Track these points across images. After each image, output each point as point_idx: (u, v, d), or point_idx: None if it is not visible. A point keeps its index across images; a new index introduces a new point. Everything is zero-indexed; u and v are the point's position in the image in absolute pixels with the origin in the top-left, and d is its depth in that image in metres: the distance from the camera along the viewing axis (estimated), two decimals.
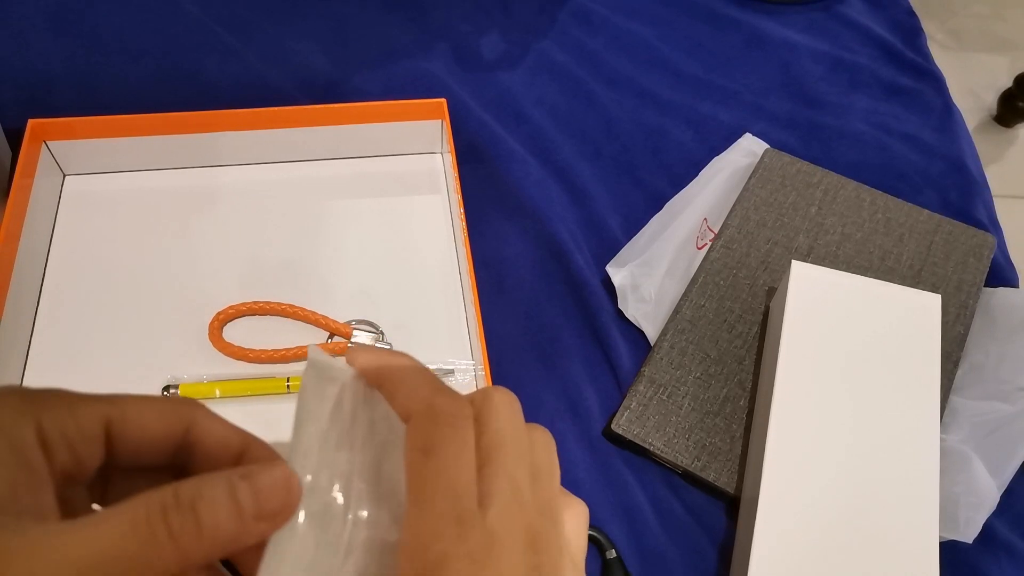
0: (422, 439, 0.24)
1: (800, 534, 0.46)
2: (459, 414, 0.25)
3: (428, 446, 0.24)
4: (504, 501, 0.24)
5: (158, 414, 0.24)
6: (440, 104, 0.61)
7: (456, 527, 0.23)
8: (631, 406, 0.54)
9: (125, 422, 0.23)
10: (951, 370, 0.57)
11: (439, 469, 0.23)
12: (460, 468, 0.24)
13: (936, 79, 0.77)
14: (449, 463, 0.24)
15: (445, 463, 0.24)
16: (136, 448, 0.23)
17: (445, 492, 0.23)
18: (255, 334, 0.55)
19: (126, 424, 0.23)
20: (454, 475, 0.23)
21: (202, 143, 0.60)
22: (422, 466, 0.24)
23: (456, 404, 0.25)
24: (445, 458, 0.24)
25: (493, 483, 0.24)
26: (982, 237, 0.63)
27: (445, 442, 0.24)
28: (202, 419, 0.25)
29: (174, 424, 0.24)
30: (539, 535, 0.24)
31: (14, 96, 0.65)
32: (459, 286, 0.58)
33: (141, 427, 0.23)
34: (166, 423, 0.24)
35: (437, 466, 0.24)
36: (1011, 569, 0.52)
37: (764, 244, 0.62)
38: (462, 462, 0.24)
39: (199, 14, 0.72)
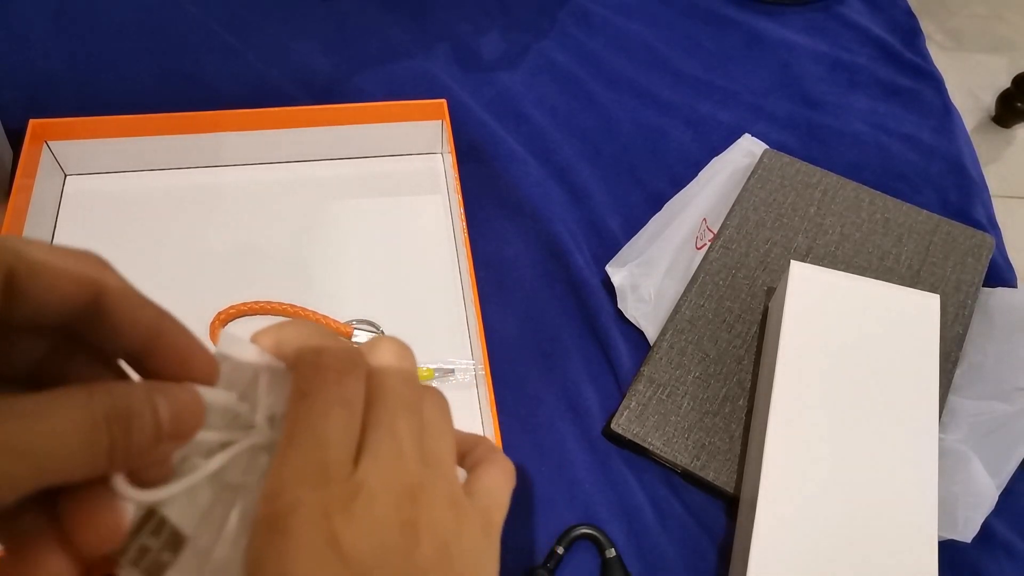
0: (302, 384, 0.24)
1: (799, 533, 0.46)
2: (344, 366, 0.24)
3: (305, 391, 0.23)
4: (379, 453, 0.23)
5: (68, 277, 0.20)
6: (440, 104, 0.61)
7: (316, 475, 0.22)
8: (631, 405, 0.54)
9: (30, 279, 0.20)
10: (950, 370, 0.57)
11: (310, 416, 0.23)
12: (331, 417, 0.23)
13: (935, 79, 0.77)
14: (320, 410, 0.23)
15: (316, 409, 0.23)
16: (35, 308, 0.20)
17: (311, 439, 0.22)
18: None
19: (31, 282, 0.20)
20: (323, 423, 0.23)
21: (203, 143, 0.61)
22: (294, 412, 0.23)
23: (343, 356, 0.24)
24: (317, 404, 0.23)
25: (371, 434, 0.24)
26: (981, 237, 0.63)
27: (321, 389, 0.23)
28: (115, 285, 0.22)
29: (84, 290, 0.21)
30: (419, 489, 0.24)
31: (15, 96, 0.65)
32: (459, 286, 0.59)
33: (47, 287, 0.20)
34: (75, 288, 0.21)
35: (308, 412, 0.23)
36: (1010, 568, 0.52)
37: (763, 244, 0.62)
38: (335, 411, 0.23)
39: (199, 14, 0.72)
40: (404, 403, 0.25)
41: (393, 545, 0.23)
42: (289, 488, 0.22)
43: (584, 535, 0.50)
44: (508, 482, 0.29)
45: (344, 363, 0.24)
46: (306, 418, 0.23)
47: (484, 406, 0.52)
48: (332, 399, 0.23)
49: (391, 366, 0.26)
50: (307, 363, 0.24)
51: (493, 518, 0.27)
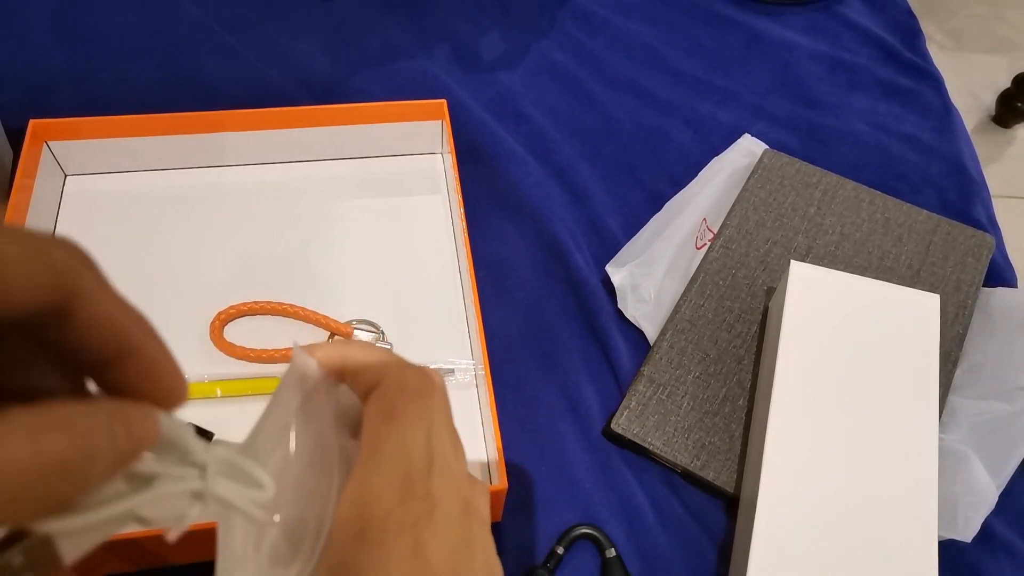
0: (387, 405, 0.25)
1: (799, 533, 0.46)
2: (425, 388, 0.26)
3: (391, 411, 0.25)
4: (444, 472, 0.25)
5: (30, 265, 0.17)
6: (440, 104, 0.61)
7: (403, 489, 0.23)
8: (630, 405, 0.54)
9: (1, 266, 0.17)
10: (950, 370, 0.57)
11: (400, 433, 0.24)
12: (416, 435, 0.24)
13: (935, 79, 0.77)
14: (409, 428, 0.24)
15: (406, 428, 0.24)
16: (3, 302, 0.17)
17: (399, 455, 0.24)
18: (256, 334, 0.55)
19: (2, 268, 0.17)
20: (411, 440, 0.24)
21: (203, 143, 0.61)
22: (380, 429, 0.24)
23: (423, 377, 0.26)
24: (407, 423, 0.24)
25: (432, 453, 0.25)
26: (981, 237, 0.63)
27: (410, 408, 0.25)
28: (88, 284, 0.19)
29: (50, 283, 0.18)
30: (470, 505, 0.26)
31: (16, 96, 0.66)
32: (459, 286, 0.59)
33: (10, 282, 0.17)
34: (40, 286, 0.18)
35: (398, 430, 0.24)
36: (1010, 568, 0.52)
37: (763, 244, 0.62)
38: (419, 431, 0.25)
39: (199, 14, 0.72)
40: (449, 428, 0.27)
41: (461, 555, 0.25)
42: (381, 500, 0.23)
43: (584, 535, 0.50)
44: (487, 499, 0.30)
45: (425, 385, 0.26)
46: (394, 435, 0.24)
47: (484, 406, 0.52)
48: (415, 418, 0.25)
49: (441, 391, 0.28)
50: (394, 382, 0.26)
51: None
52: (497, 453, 0.48)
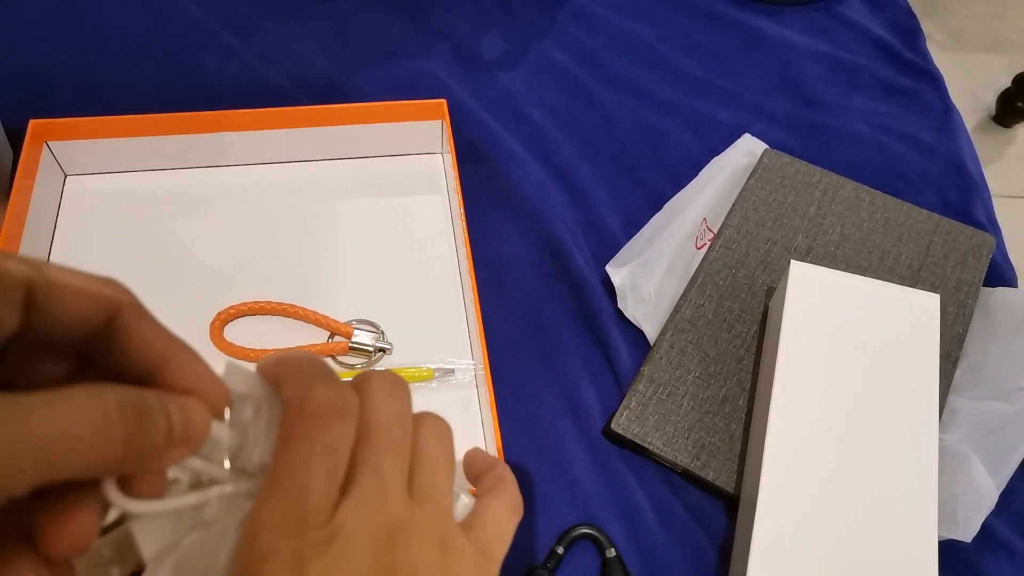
0: (286, 429, 0.23)
1: (799, 533, 0.46)
2: (330, 411, 0.23)
3: (288, 436, 0.23)
4: (361, 495, 0.23)
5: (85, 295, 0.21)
6: (440, 104, 0.61)
7: (294, 523, 0.22)
8: (631, 405, 0.54)
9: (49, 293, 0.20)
10: (950, 370, 0.57)
11: (291, 462, 0.23)
12: (313, 464, 0.22)
13: (935, 79, 0.77)
14: (302, 457, 0.23)
15: (298, 456, 0.23)
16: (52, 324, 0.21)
17: (291, 486, 0.22)
18: (256, 334, 0.55)
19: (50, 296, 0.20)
20: (304, 471, 0.22)
21: (203, 143, 0.61)
22: (277, 456, 0.23)
23: (330, 401, 0.24)
24: (300, 451, 0.23)
25: (355, 475, 0.23)
26: (981, 237, 0.63)
27: (306, 436, 0.23)
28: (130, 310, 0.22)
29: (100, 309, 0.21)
30: (401, 530, 0.23)
31: (15, 96, 0.66)
32: (459, 286, 0.59)
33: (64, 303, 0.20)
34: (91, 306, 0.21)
35: (289, 458, 0.23)
36: (1010, 568, 0.52)
37: (763, 244, 0.62)
38: (317, 459, 0.23)
39: (199, 14, 0.72)
40: (391, 442, 0.25)
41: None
42: (265, 535, 0.22)
43: (584, 535, 0.50)
44: (513, 514, 0.28)
45: (331, 408, 0.24)
46: (287, 464, 0.23)
47: (484, 406, 0.52)
48: (315, 446, 0.23)
49: (381, 403, 0.25)
50: (293, 408, 0.23)
51: (492, 551, 0.27)
52: (497, 453, 0.48)
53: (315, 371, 0.25)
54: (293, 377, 0.24)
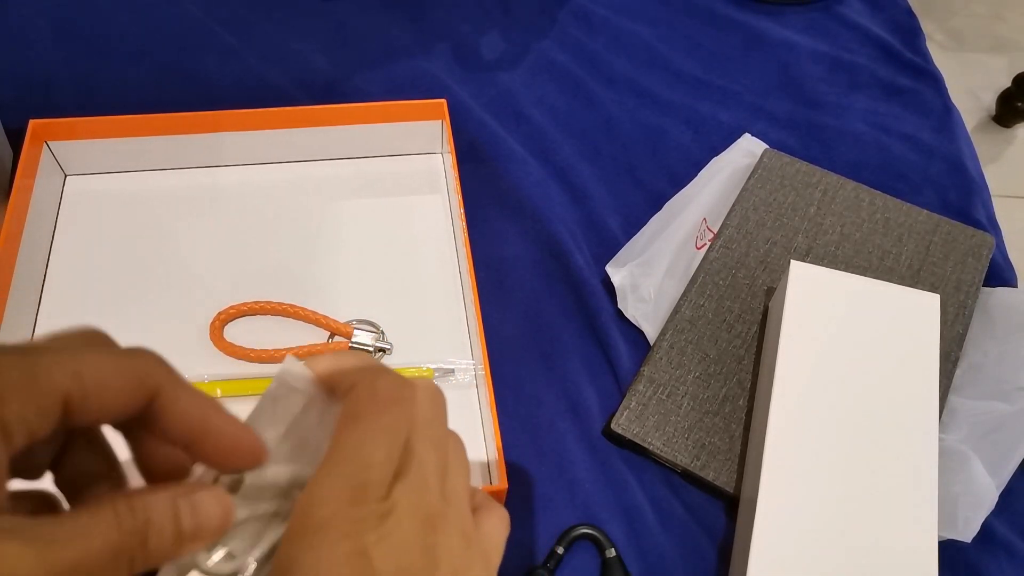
0: (353, 409, 0.25)
1: (799, 533, 0.46)
2: (396, 396, 0.25)
3: (357, 414, 0.24)
4: (410, 480, 0.25)
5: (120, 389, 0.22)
6: (440, 104, 0.61)
7: (356, 493, 0.23)
8: (631, 405, 0.54)
9: (86, 400, 0.21)
10: (950, 370, 0.57)
11: (360, 436, 0.24)
12: (379, 441, 0.24)
13: (935, 79, 0.77)
14: (370, 433, 0.24)
15: (367, 432, 0.24)
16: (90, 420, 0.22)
17: (357, 459, 0.23)
18: (256, 334, 0.55)
19: (86, 401, 0.21)
20: (371, 446, 0.24)
21: (203, 143, 0.61)
22: (342, 432, 0.24)
23: (396, 387, 0.25)
24: (368, 428, 0.24)
25: (407, 462, 0.25)
26: (981, 237, 0.63)
27: (373, 414, 0.24)
28: (167, 389, 0.23)
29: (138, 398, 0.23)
30: (440, 518, 0.25)
31: (15, 96, 0.66)
32: (459, 286, 0.59)
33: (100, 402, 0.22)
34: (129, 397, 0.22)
35: (359, 433, 0.24)
36: (1010, 568, 0.52)
37: (763, 244, 0.62)
38: (383, 436, 0.24)
39: (199, 14, 0.72)
40: (434, 440, 0.26)
41: (415, 566, 0.24)
42: (327, 504, 0.23)
43: (584, 535, 0.50)
44: (505, 528, 0.30)
45: (397, 394, 0.25)
46: (353, 441, 0.24)
47: (484, 406, 0.52)
48: (382, 425, 0.24)
49: (427, 404, 0.27)
50: (364, 388, 0.25)
51: (491, 560, 0.28)
52: (497, 453, 0.48)
53: (377, 364, 0.27)
54: (360, 368, 0.26)
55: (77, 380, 0.21)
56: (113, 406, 0.22)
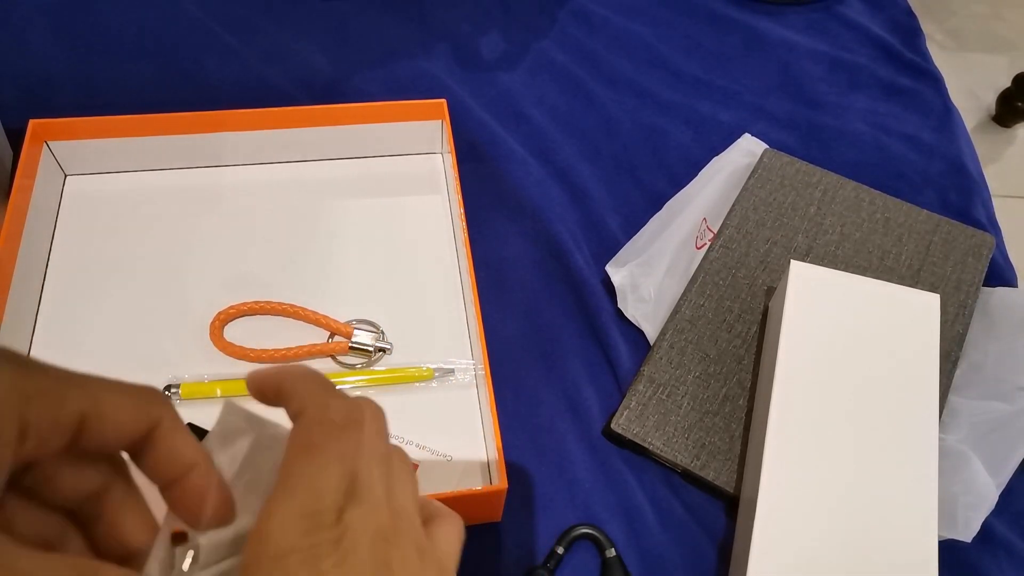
0: (305, 437, 0.25)
1: (799, 533, 0.46)
2: (348, 421, 0.25)
3: (309, 444, 0.24)
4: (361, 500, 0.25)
5: (130, 416, 0.23)
6: (440, 104, 0.61)
7: (308, 522, 0.23)
8: (631, 405, 0.54)
9: (100, 420, 0.23)
10: (950, 370, 0.57)
11: (311, 467, 0.24)
12: (331, 470, 0.24)
13: (935, 79, 0.77)
14: (321, 463, 0.24)
15: (318, 462, 0.24)
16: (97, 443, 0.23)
17: (310, 490, 0.24)
18: (256, 334, 0.55)
19: (101, 421, 0.23)
20: (323, 475, 0.24)
21: (203, 143, 0.61)
22: (293, 463, 0.24)
23: (345, 412, 0.26)
24: (319, 457, 0.24)
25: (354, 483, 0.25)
26: (981, 237, 0.63)
27: (325, 443, 0.24)
28: (165, 426, 0.24)
29: (142, 427, 0.24)
30: (391, 533, 0.25)
31: (15, 96, 0.66)
32: (459, 286, 0.59)
33: (113, 426, 0.23)
34: (135, 427, 0.24)
35: (310, 464, 0.24)
36: (1010, 568, 0.52)
37: (763, 244, 0.62)
38: (334, 465, 0.24)
39: (199, 14, 0.72)
40: (380, 456, 0.26)
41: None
42: (284, 533, 0.23)
43: (584, 535, 0.50)
44: (459, 534, 0.30)
45: (346, 418, 0.25)
46: (307, 469, 0.24)
47: (484, 406, 0.52)
48: (333, 454, 0.24)
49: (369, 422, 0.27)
50: (315, 413, 0.25)
51: (447, 568, 0.28)
52: (497, 453, 0.48)
53: (326, 385, 0.26)
54: (306, 391, 0.26)
55: (95, 403, 0.22)
56: (121, 431, 0.23)
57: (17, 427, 0.21)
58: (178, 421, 0.25)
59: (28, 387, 0.21)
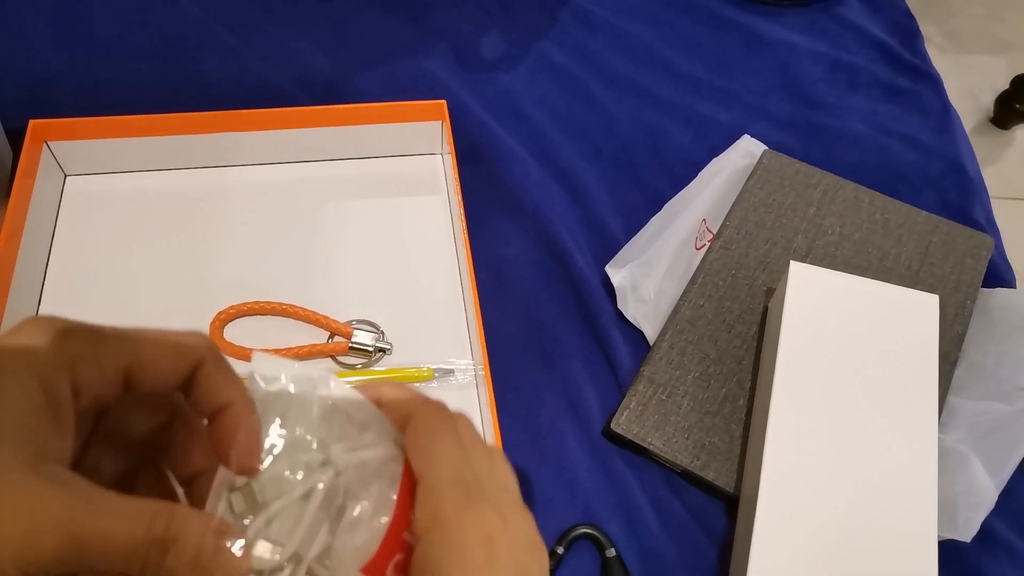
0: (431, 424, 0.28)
1: (799, 533, 0.46)
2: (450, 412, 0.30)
3: (435, 429, 0.28)
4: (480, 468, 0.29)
5: (172, 362, 0.26)
6: (440, 105, 0.61)
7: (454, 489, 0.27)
8: (631, 406, 0.54)
9: (142, 370, 0.25)
10: (949, 370, 0.57)
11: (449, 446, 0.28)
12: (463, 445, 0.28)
13: (934, 80, 0.77)
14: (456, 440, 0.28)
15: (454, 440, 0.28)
16: (147, 388, 0.25)
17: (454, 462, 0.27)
18: (256, 334, 0.55)
19: (143, 371, 0.25)
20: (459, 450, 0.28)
21: (202, 144, 0.61)
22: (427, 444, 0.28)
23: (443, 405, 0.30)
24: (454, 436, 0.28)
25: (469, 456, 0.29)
26: (980, 238, 0.63)
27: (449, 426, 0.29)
28: (207, 367, 0.26)
29: (183, 371, 0.26)
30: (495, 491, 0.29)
31: (15, 96, 0.65)
32: (459, 286, 0.59)
33: (155, 372, 0.25)
34: (177, 372, 0.26)
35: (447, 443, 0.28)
36: (1010, 568, 0.52)
37: (763, 245, 0.62)
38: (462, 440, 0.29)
39: (199, 14, 0.72)
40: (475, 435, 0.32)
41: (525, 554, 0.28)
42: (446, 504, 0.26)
43: (584, 535, 0.50)
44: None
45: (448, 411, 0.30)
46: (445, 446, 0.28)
47: (484, 406, 0.52)
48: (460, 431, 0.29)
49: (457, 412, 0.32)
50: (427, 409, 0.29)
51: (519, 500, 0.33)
52: None
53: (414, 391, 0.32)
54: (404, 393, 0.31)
55: (136, 357, 0.25)
56: (164, 377, 0.25)
57: (69, 388, 0.23)
58: (220, 363, 0.27)
59: (72, 351, 0.23)
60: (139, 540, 0.22)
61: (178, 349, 0.26)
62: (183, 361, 0.26)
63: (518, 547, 0.28)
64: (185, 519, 0.23)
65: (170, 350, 0.26)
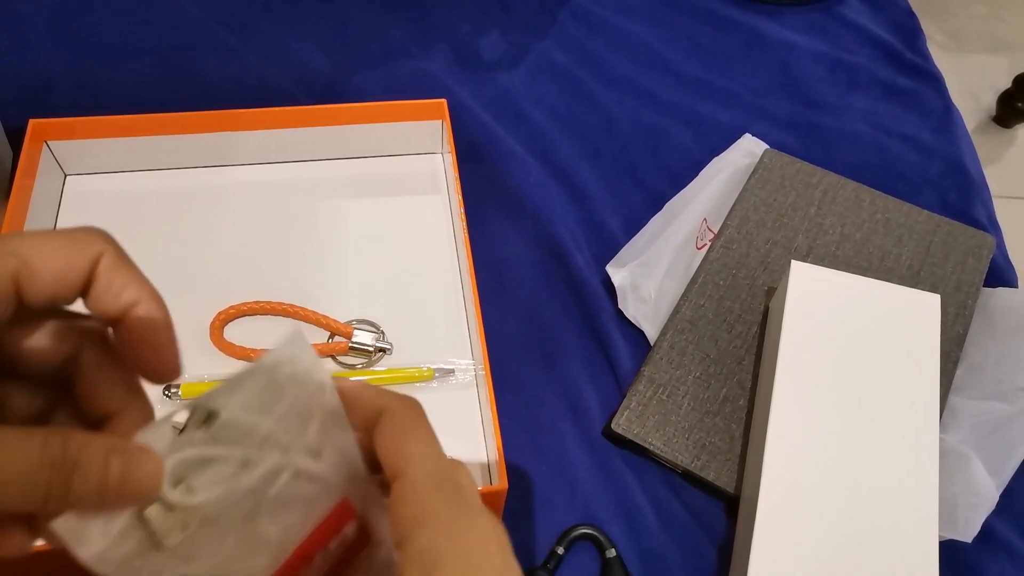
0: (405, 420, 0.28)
1: (799, 533, 0.46)
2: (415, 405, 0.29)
3: (410, 425, 0.27)
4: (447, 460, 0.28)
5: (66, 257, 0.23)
6: (440, 104, 0.61)
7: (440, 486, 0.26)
8: (631, 406, 0.54)
9: (33, 274, 0.22)
10: (950, 370, 0.57)
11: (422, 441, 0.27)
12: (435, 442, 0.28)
13: (935, 80, 0.77)
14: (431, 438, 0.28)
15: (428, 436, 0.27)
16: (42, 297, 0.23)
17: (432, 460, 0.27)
18: (256, 334, 0.55)
19: (33, 276, 0.22)
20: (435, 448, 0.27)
21: (202, 143, 0.61)
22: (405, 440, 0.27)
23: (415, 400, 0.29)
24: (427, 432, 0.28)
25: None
26: (981, 237, 0.63)
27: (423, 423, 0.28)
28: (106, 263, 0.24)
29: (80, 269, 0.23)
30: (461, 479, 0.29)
31: (15, 96, 0.66)
32: (459, 286, 0.58)
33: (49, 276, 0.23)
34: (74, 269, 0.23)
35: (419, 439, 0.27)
36: (1010, 568, 0.52)
37: (763, 244, 0.62)
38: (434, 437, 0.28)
39: (199, 14, 0.72)
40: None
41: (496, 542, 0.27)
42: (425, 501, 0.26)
43: (584, 535, 0.50)
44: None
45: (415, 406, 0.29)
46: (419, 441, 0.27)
47: (484, 406, 0.52)
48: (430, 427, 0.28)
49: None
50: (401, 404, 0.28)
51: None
52: (497, 453, 0.48)
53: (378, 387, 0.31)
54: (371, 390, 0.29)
55: (23, 261, 0.22)
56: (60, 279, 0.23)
57: None
58: (121, 256, 0.24)
59: None
60: (33, 464, 0.20)
61: (71, 242, 0.23)
62: (78, 256, 0.23)
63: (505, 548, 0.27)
64: (84, 440, 0.21)
65: (62, 244, 0.23)
